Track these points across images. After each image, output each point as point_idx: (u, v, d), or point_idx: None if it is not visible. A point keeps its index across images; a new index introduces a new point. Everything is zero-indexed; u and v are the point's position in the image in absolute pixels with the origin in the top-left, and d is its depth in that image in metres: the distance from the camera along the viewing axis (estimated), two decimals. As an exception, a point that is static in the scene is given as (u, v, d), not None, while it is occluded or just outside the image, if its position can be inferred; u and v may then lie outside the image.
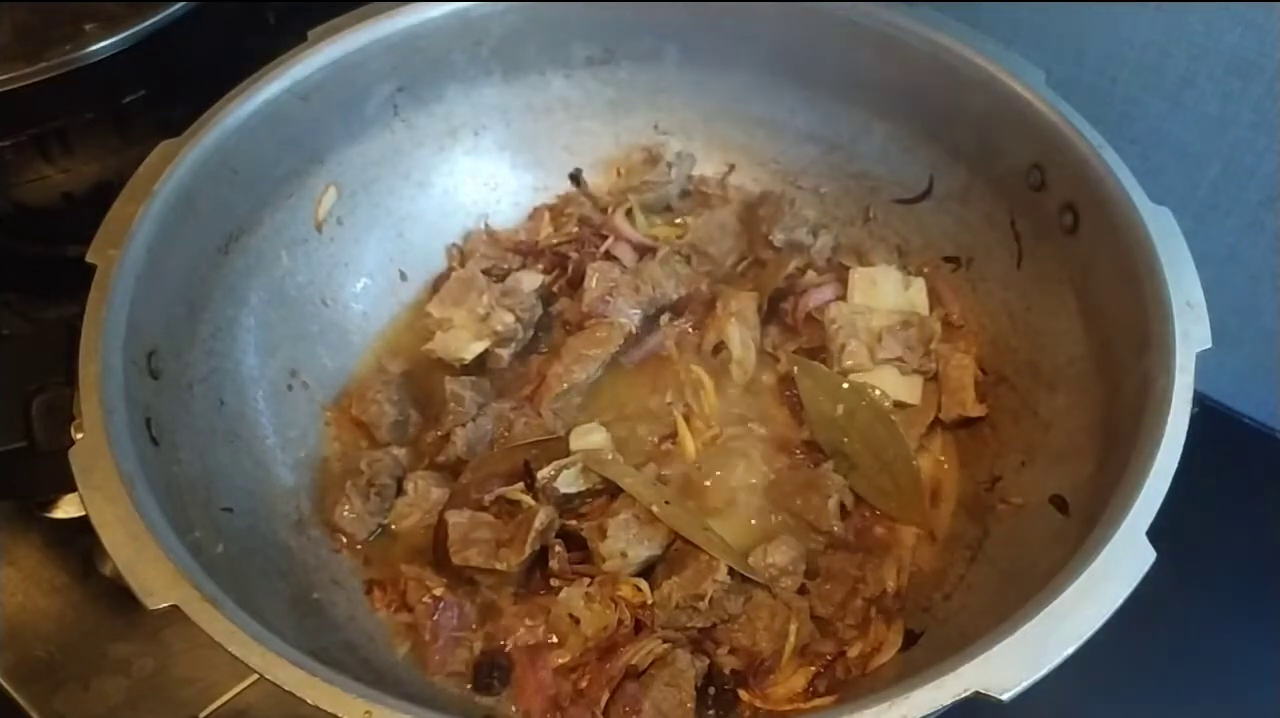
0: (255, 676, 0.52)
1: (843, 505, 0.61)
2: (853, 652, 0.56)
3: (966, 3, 0.67)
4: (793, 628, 0.55)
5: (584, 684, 0.55)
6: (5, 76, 0.63)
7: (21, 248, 0.77)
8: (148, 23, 0.67)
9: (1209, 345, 0.50)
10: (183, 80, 0.69)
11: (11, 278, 0.78)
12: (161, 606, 0.43)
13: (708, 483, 0.64)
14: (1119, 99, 0.68)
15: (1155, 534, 0.44)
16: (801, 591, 0.57)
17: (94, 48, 0.66)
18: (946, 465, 0.65)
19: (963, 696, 0.39)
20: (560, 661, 0.56)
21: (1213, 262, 0.54)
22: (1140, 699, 0.63)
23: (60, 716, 0.62)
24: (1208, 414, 0.49)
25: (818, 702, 0.54)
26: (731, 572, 0.56)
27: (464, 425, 0.65)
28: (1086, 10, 0.66)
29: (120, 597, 0.65)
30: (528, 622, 0.58)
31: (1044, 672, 0.40)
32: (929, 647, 0.56)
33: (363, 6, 0.68)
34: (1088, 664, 0.40)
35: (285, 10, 0.78)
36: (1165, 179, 0.58)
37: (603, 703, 0.53)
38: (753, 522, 0.63)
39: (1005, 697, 0.39)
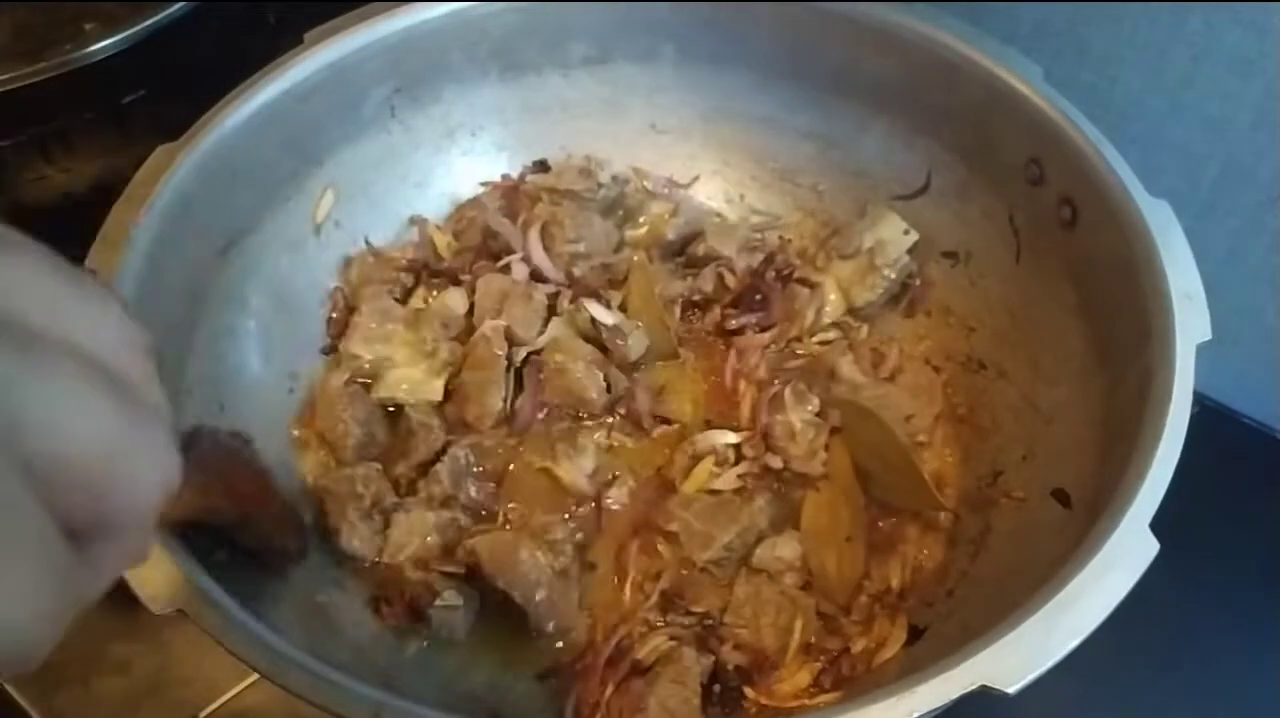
0: (256, 676, 0.51)
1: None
2: (857, 648, 0.56)
3: (966, 2, 0.67)
4: (798, 625, 0.55)
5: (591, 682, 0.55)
6: (5, 76, 0.63)
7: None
8: (148, 23, 0.67)
9: (1209, 337, 0.50)
10: (183, 80, 0.69)
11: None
12: (168, 611, 0.43)
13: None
14: (1119, 99, 0.68)
15: (1154, 532, 0.44)
16: (806, 587, 0.58)
17: (94, 48, 0.66)
18: (949, 460, 0.65)
19: (969, 689, 0.39)
20: (566, 659, 0.56)
21: (1212, 261, 0.53)
22: (1137, 698, 0.63)
23: (60, 716, 0.62)
24: (1207, 414, 0.49)
25: (822, 698, 0.54)
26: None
27: (440, 460, 0.63)
28: (1086, 10, 0.66)
29: (120, 597, 0.65)
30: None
31: (1050, 664, 0.40)
32: (933, 642, 0.56)
33: (360, 8, 0.68)
34: (1085, 663, 0.40)
35: (285, 10, 0.78)
36: (1165, 179, 0.58)
37: (606, 697, 0.54)
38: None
39: (1011, 690, 0.39)
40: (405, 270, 0.72)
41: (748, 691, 0.55)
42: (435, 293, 0.72)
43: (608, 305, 0.69)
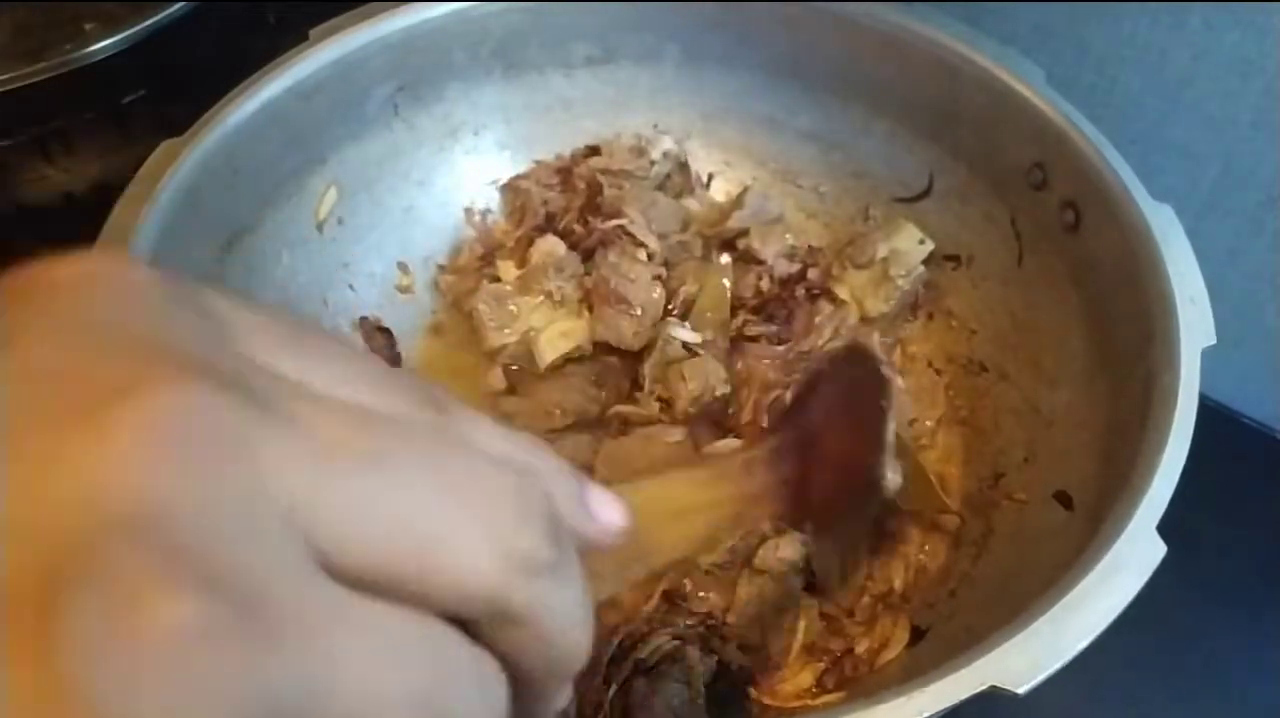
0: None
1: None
2: (859, 648, 0.56)
3: (966, 2, 0.67)
4: (800, 625, 0.55)
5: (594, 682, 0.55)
6: (5, 76, 0.63)
7: (22, 248, 0.76)
8: (148, 23, 0.67)
9: (1213, 341, 0.51)
10: (183, 80, 0.68)
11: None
12: None
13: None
14: (1119, 99, 0.68)
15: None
16: (808, 588, 0.58)
17: (94, 48, 0.65)
18: (952, 463, 0.65)
19: (979, 689, 0.39)
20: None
21: (1213, 261, 0.54)
22: (1138, 699, 0.63)
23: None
24: (1208, 414, 0.49)
25: (825, 698, 0.54)
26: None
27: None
28: (1086, 10, 0.66)
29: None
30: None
31: (1059, 665, 0.40)
32: (935, 643, 0.56)
33: (363, 6, 0.68)
34: (1086, 664, 0.40)
35: (285, 10, 0.78)
36: (1165, 179, 0.58)
37: (610, 697, 0.53)
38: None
39: (1021, 690, 0.39)
40: (482, 265, 0.74)
41: (751, 691, 0.55)
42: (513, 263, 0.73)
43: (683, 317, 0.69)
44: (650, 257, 0.69)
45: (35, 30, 0.67)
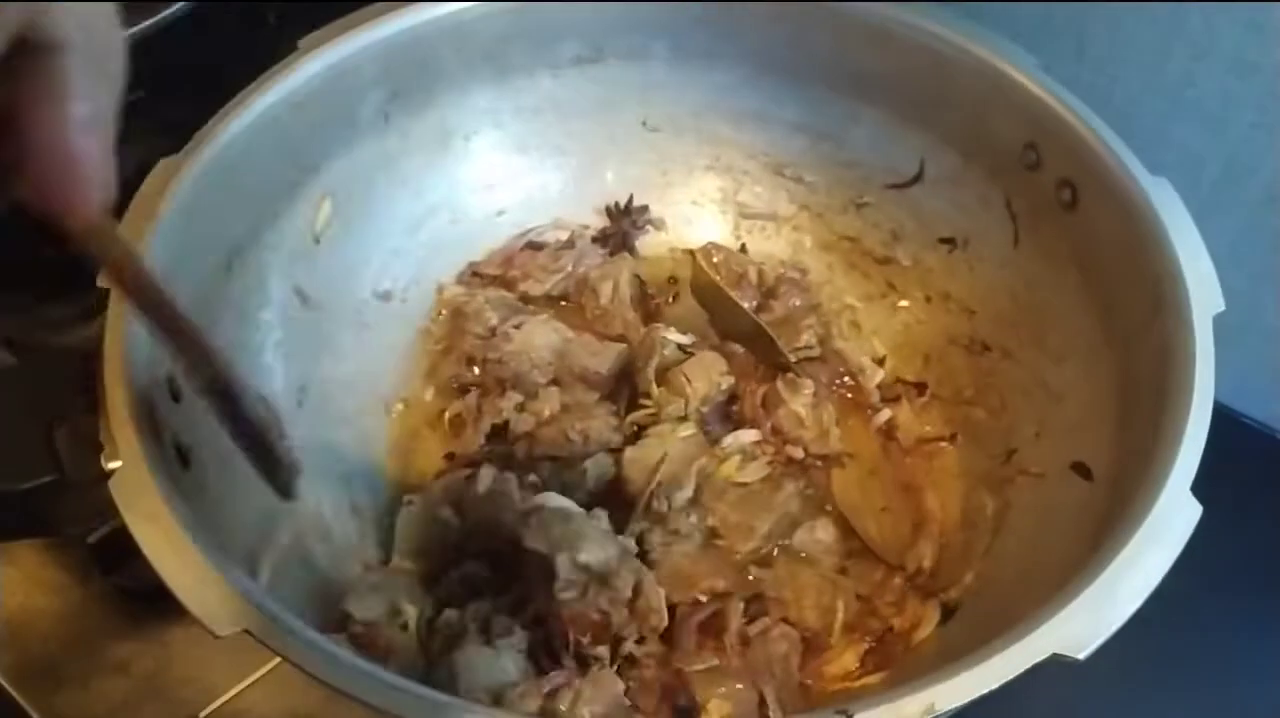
0: (255, 675, 0.50)
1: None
2: (896, 628, 0.57)
3: (967, 2, 0.68)
4: (840, 604, 0.56)
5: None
6: (6, 76, 0.62)
7: (22, 248, 0.74)
8: (148, 23, 0.65)
9: (1223, 307, 0.52)
10: (183, 80, 0.67)
11: (12, 278, 0.75)
12: (231, 632, 0.41)
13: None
14: (1119, 98, 0.69)
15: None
16: (841, 569, 0.58)
17: (94, 48, 0.64)
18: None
19: (1040, 658, 0.40)
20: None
21: (1213, 261, 0.54)
22: (1138, 697, 0.63)
23: (60, 716, 0.61)
24: (1207, 413, 0.50)
25: (867, 679, 0.55)
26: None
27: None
28: (1086, 10, 0.67)
29: (121, 597, 0.64)
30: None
31: (1116, 627, 0.41)
32: (964, 620, 0.57)
33: (353, 13, 0.67)
34: (1086, 662, 0.41)
35: (285, 10, 0.76)
36: (1165, 178, 0.59)
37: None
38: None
39: (1081, 655, 0.40)
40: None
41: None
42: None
43: None
44: None
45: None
